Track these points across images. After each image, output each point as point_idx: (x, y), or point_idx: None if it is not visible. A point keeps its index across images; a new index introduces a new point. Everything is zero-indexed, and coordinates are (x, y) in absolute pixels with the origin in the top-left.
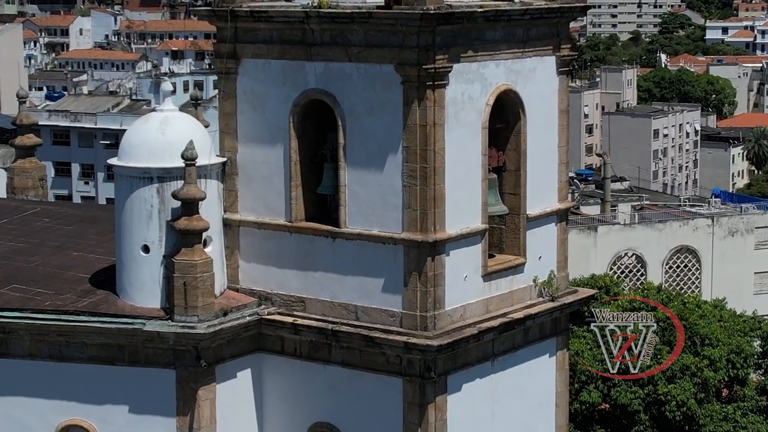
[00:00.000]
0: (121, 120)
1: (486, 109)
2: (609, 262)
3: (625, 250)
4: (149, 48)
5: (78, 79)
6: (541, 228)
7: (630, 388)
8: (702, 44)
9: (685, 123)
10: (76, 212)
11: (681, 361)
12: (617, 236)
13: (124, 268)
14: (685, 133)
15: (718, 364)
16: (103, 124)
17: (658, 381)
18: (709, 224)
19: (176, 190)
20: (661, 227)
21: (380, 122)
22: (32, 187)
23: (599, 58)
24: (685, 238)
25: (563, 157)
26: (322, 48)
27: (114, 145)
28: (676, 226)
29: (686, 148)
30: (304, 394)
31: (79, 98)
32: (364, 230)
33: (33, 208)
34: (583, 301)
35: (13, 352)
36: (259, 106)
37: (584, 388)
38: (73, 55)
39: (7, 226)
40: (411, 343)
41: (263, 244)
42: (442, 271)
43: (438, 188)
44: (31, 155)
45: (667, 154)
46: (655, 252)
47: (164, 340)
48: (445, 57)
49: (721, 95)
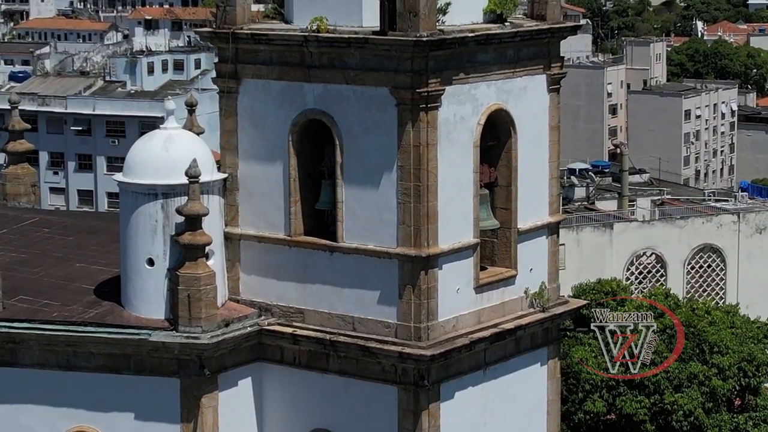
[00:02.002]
0: (93, 104)
1: (477, 128)
2: (626, 262)
3: (643, 249)
4: (119, 16)
5: (40, 51)
6: (532, 241)
7: (635, 398)
8: (744, 10)
9: (720, 102)
10: (75, 222)
11: (688, 370)
12: (635, 234)
13: (129, 281)
14: (721, 113)
15: (727, 372)
16: (74, 108)
17: (664, 390)
18: (735, 221)
19: (180, 206)
20: (683, 224)
21: (376, 142)
22: (24, 194)
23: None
24: (708, 235)
25: (554, 172)
26: (320, 70)
27: (86, 132)
28: (699, 222)
29: (722, 130)
30: (302, 401)
31: (47, 80)
32: (361, 245)
33: (31, 217)
34: (573, 311)
35: (22, 362)
36: (260, 125)
37: (588, 397)
38: (33, 25)
39: (7, 237)
40: (405, 352)
41: (263, 257)
42: (435, 284)
43: (431, 205)
44: (23, 161)
45: (700, 137)
46: (676, 251)
47: (169, 350)
48: (437, 80)
49: (762, 70)
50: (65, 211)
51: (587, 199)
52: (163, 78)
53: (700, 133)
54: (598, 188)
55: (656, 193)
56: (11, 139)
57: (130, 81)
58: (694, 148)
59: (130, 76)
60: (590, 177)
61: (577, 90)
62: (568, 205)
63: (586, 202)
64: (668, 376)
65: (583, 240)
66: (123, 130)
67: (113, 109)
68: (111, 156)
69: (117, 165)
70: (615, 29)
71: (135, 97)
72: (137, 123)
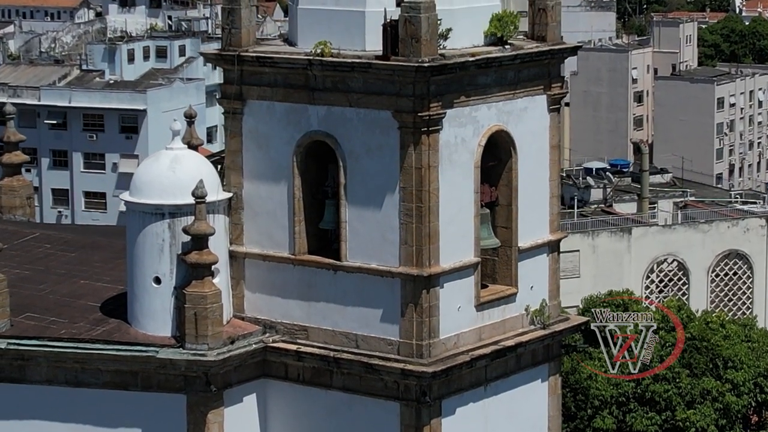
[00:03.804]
0: (69, 95)
1: (478, 149)
2: (645, 270)
3: (664, 255)
4: None
5: (3, 31)
6: (532, 259)
7: (646, 414)
8: None
9: (757, 89)
10: (77, 237)
11: (701, 385)
12: (655, 239)
13: (136, 299)
14: (758, 101)
15: (742, 388)
16: (48, 100)
17: (676, 406)
18: (763, 224)
19: (187, 226)
20: (707, 228)
21: (379, 164)
22: (20, 206)
23: None
24: (734, 241)
25: (555, 191)
26: (324, 93)
27: (62, 126)
28: (724, 227)
29: (759, 120)
30: (306, 417)
31: (18, 68)
32: (364, 264)
33: (32, 232)
34: (574, 328)
35: (30, 378)
36: (264, 145)
37: (598, 413)
38: None
39: (9, 252)
40: (407, 369)
41: (268, 275)
42: (437, 303)
43: (432, 226)
44: (18, 173)
45: (735, 128)
46: (700, 258)
47: (176, 366)
48: (438, 104)
49: None
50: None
51: (604, 201)
52: (145, 66)
53: (735, 123)
54: (616, 189)
55: (679, 195)
56: (6, 150)
57: (109, 70)
58: (727, 140)
59: (108, 64)
60: (607, 177)
61: (599, 76)
62: (583, 208)
63: (602, 205)
64: (680, 392)
65: (599, 246)
66: (102, 124)
67: (91, 101)
68: (88, 152)
69: (95, 162)
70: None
71: (114, 87)
72: (117, 116)
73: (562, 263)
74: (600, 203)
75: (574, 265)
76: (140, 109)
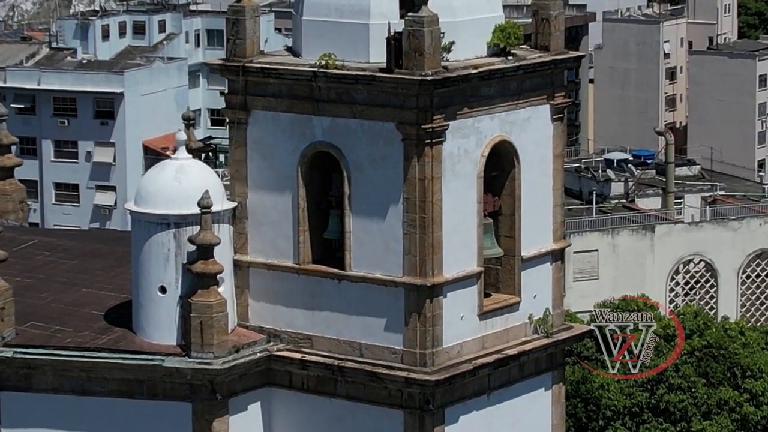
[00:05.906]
0: (39, 77)
1: (481, 160)
2: (669, 271)
3: (690, 255)
4: None
5: None
6: (536, 268)
7: (661, 425)
8: None
9: None
10: (76, 244)
11: (718, 395)
12: (680, 238)
13: (141, 308)
14: None
15: (761, 398)
16: (15, 81)
17: (692, 417)
18: None
19: (193, 236)
20: (737, 226)
21: (382, 175)
22: (13, 210)
23: None
24: (766, 239)
25: (558, 199)
26: (328, 104)
27: (29, 110)
28: (756, 224)
29: None
30: (310, 425)
31: None
32: (368, 273)
33: (30, 239)
34: (578, 337)
35: (37, 387)
36: (269, 155)
37: (610, 424)
38: None
39: (8, 260)
40: (411, 378)
41: (272, 284)
42: (440, 312)
43: (436, 236)
44: (10, 176)
45: None
46: (729, 258)
47: (182, 375)
48: (442, 116)
49: None
50: (63, 231)
51: (626, 196)
52: (121, 44)
53: None
54: (639, 183)
55: (707, 189)
56: None
57: (81, 48)
58: None
59: (81, 42)
60: (629, 170)
61: (627, 50)
62: (603, 204)
63: (624, 200)
64: (696, 402)
65: (619, 245)
66: (74, 108)
67: (62, 83)
68: (60, 140)
69: (67, 150)
70: None
71: (88, 68)
72: (91, 100)
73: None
74: (621, 198)
75: (591, 266)
76: (116, 92)
